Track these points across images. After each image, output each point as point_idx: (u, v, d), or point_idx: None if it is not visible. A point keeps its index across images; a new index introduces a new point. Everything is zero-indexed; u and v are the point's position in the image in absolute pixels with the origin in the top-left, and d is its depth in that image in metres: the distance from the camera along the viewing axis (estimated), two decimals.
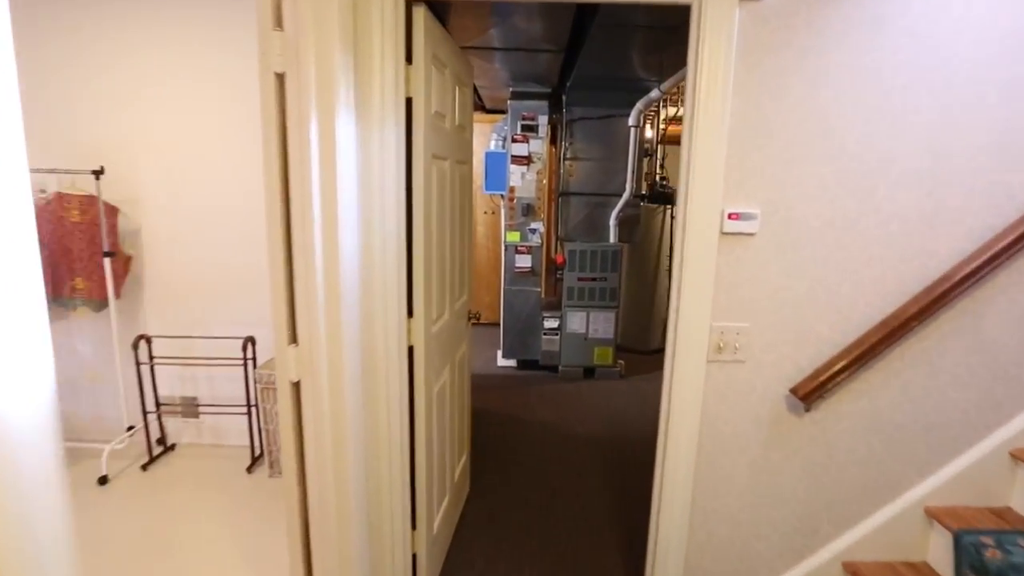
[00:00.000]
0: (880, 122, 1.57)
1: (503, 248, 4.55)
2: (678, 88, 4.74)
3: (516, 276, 4.55)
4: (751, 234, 1.63)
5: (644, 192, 5.06)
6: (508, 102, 4.35)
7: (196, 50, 2.97)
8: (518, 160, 4.38)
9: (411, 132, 1.74)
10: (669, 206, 5.12)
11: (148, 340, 3.13)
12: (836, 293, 1.66)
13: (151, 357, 3.15)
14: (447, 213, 2.14)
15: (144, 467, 3.10)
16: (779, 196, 1.61)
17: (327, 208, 1.46)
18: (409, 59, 1.68)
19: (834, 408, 1.74)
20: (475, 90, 4.82)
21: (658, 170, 5.10)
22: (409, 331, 1.84)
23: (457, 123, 2.26)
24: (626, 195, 4.33)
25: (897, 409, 1.72)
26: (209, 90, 3.00)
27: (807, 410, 1.73)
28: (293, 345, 1.52)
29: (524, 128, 4.34)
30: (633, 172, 4.27)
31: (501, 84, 4.30)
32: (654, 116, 4.93)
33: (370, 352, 1.71)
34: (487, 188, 4.59)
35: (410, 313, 1.84)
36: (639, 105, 4.08)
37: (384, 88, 1.60)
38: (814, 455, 1.77)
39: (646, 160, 4.90)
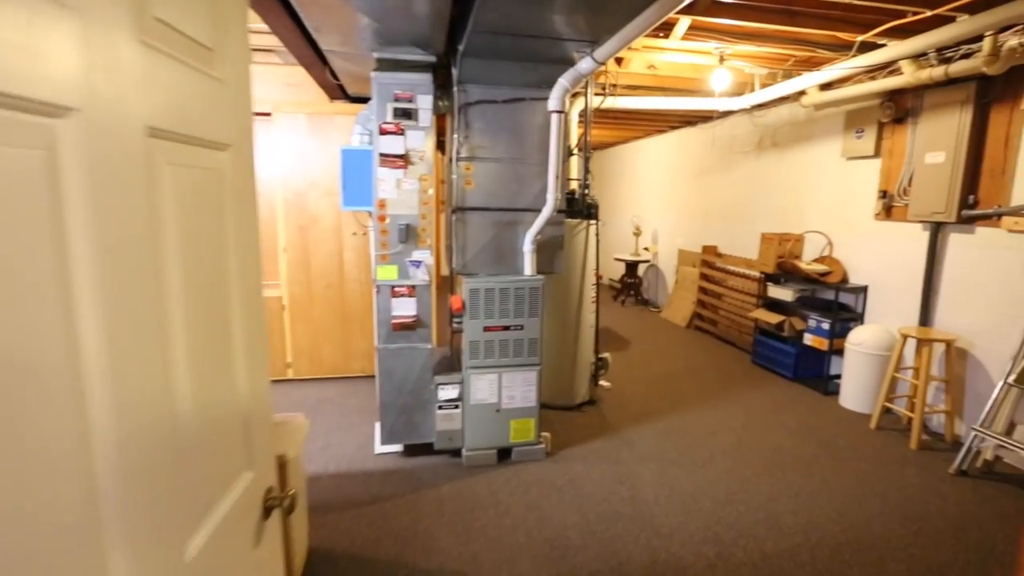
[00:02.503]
0: None
1: (374, 289, 2.96)
2: (617, 62, 3.45)
3: (395, 330, 2.98)
4: None
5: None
6: (372, 75, 2.79)
7: None
8: (390, 161, 2.83)
9: None
10: (593, 222, 3.83)
11: None
12: None
13: None
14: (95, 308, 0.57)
15: None
16: None
17: None
18: None
19: None
20: (325, 64, 3.19)
21: (577, 176, 3.79)
22: None
23: (182, 30, 0.70)
24: (548, 209, 2.95)
25: None
26: None
27: None
28: None
29: (398, 113, 2.80)
30: (557, 176, 2.89)
31: (361, 48, 2.73)
32: (572, 103, 3.61)
33: None
34: (345, 203, 2.98)
35: None
36: (563, 81, 2.71)
37: None
38: None
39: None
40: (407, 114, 2.81)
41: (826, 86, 4.31)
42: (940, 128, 3.59)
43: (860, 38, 3.28)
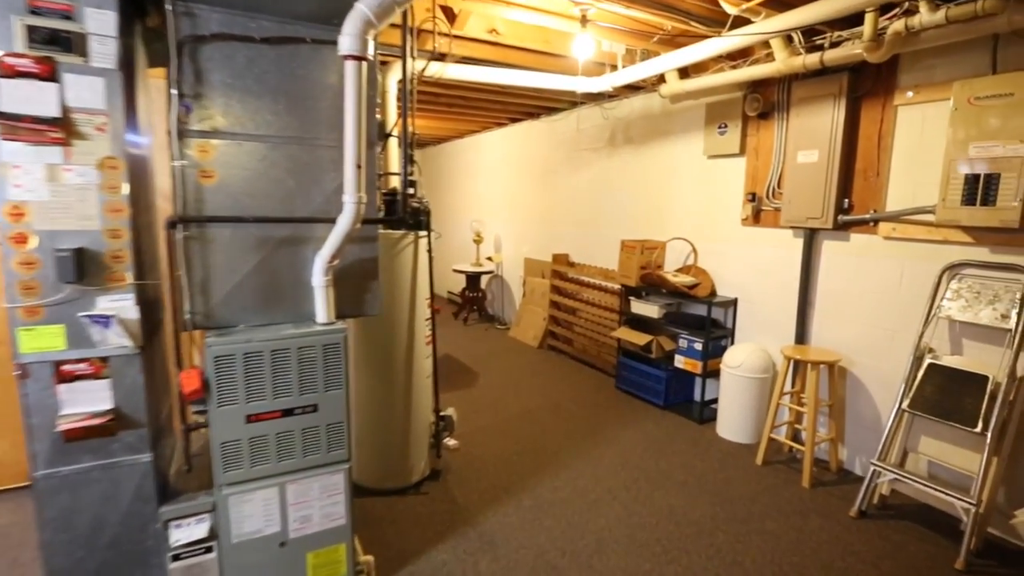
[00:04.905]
0: None
1: (16, 371, 1.62)
2: (449, 18, 2.49)
3: (70, 439, 1.67)
4: None
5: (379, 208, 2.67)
6: None
7: None
8: (26, 129, 1.52)
9: None
10: (423, 233, 2.84)
11: None
12: None
13: None
14: None
15: None
16: None
17: None
18: None
19: None
20: None
21: (398, 169, 2.76)
22: None
23: None
24: (346, 218, 1.89)
25: None
26: None
27: None
28: None
29: (39, 38, 1.52)
30: (358, 165, 1.84)
31: None
32: (387, 69, 2.56)
33: None
34: None
35: None
36: (363, 7, 1.68)
37: None
38: None
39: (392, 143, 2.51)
40: (61, 41, 1.53)
41: (685, 75, 3.88)
42: (812, 124, 3.29)
43: (738, 10, 2.78)
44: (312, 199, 1.99)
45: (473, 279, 7.28)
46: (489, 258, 7.34)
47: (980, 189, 2.57)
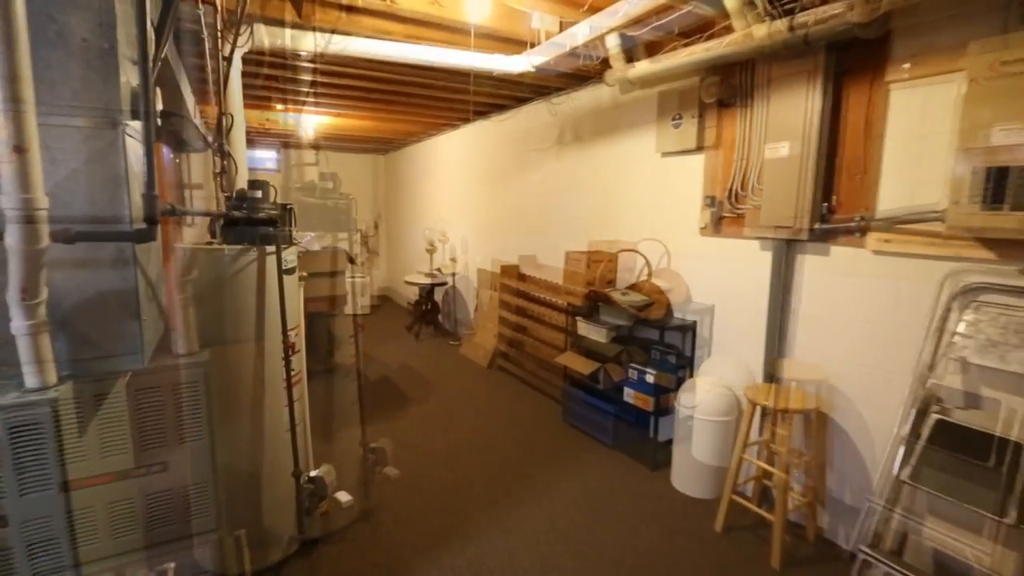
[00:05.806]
0: None
1: None
2: None
3: None
4: None
5: (223, 212, 1.96)
6: None
7: None
8: None
9: None
10: (271, 248, 2.11)
11: None
12: None
13: None
14: None
15: None
16: None
17: None
18: None
19: None
20: None
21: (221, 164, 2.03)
22: None
23: None
24: (15, 231, 1.15)
25: None
26: None
27: None
28: None
29: None
30: (16, 145, 1.12)
31: None
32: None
33: None
34: None
35: None
36: None
37: None
38: None
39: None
40: None
41: (629, 59, 3.16)
42: (783, 111, 2.60)
43: None
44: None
45: (427, 290, 6.56)
46: (439, 269, 6.61)
47: (1009, 188, 1.88)
